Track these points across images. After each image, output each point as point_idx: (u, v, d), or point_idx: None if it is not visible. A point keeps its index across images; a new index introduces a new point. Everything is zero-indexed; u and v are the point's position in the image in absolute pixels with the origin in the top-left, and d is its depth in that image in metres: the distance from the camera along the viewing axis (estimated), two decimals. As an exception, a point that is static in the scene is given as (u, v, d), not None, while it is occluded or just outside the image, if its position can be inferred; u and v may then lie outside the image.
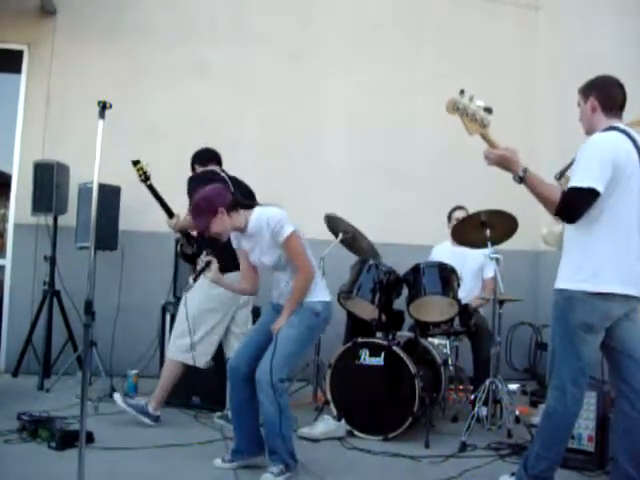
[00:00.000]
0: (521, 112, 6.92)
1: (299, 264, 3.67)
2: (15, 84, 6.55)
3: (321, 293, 3.77)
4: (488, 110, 3.29)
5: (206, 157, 4.98)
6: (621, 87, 3.32)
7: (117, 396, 4.68)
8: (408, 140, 6.99)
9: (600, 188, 3.04)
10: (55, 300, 5.94)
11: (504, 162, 3.19)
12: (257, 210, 3.75)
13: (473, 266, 5.72)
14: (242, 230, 3.75)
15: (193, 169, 5.00)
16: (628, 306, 3.18)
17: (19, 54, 6.57)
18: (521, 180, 3.15)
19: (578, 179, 3.08)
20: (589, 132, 3.33)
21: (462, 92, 3.24)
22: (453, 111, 3.26)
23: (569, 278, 3.19)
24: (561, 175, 3.43)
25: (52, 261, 5.94)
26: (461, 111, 3.23)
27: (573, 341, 3.15)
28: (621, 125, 3.26)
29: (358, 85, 6.97)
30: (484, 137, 3.28)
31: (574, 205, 3.09)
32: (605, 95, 3.30)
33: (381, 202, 6.83)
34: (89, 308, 3.20)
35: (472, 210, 5.09)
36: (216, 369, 4.96)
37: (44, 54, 6.52)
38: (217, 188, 3.81)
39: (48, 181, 5.88)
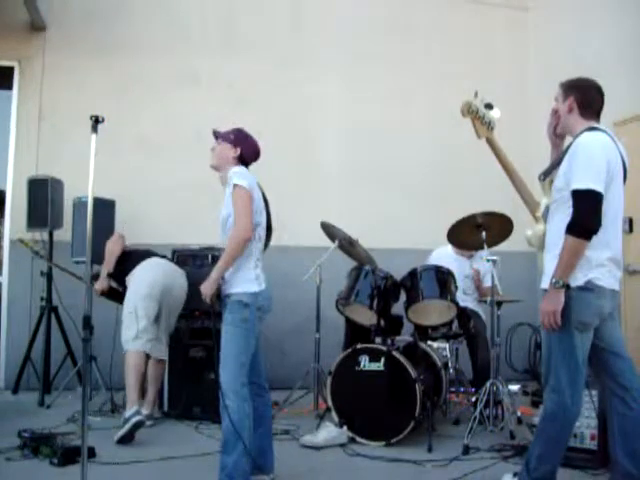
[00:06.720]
0: (515, 113, 6.89)
1: (235, 220, 3.46)
2: (7, 100, 6.56)
3: (247, 284, 3.50)
4: (489, 106, 3.29)
5: None
6: (601, 93, 3.32)
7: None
8: (402, 144, 6.99)
9: (601, 189, 3.02)
10: (53, 315, 5.93)
11: (554, 309, 3.08)
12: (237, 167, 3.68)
13: (472, 272, 5.72)
14: (223, 176, 3.66)
15: None
16: (614, 303, 3.22)
17: (10, 70, 6.57)
18: (563, 284, 3.06)
19: (580, 181, 3.03)
20: (561, 131, 3.33)
21: (476, 94, 3.24)
22: (468, 114, 3.25)
23: None
24: (545, 176, 3.36)
25: (49, 276, 5.93)
26: (474, 113, 3.23)
27: (570, 341, 3.13)
28: (602, 126, 3.26)
29: (350, 90, 6.99)
30: (490, 141, 3.28)
31: (587, 213, 3.02)
32: (584, 98, 3.28)
33: (377, 207, 6.83)
34: (87, 323, 3.20)
35: (467, 213, 5.08)
36: (217, 379, 4.93)
37: (35, 70, 6.53)
38: (256, 145, 3.76)
39: (42, 196, 5.87)
